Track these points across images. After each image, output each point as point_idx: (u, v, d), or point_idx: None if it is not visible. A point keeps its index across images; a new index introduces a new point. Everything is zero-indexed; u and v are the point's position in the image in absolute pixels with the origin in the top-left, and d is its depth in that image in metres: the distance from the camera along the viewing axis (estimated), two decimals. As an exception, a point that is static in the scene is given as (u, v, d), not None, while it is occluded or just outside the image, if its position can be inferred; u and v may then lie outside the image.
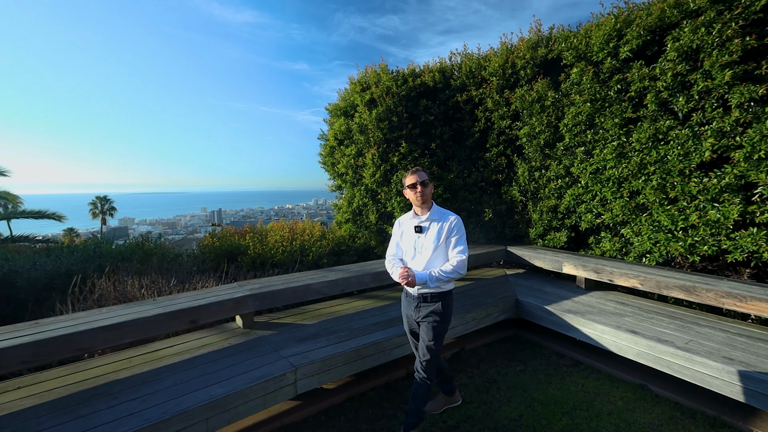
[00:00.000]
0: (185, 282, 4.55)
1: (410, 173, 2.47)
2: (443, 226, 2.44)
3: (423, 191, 2.43)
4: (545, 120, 4.90)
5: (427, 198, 2.47)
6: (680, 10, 3.76)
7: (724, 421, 2.66)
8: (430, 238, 2.44)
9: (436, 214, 2.49)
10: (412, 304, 2.53)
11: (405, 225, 2.59)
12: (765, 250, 3.28)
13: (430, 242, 2.43)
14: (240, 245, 5.79)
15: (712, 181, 3.56)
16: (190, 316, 2.91)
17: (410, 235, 2.52)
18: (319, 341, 3.03)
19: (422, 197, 2.44)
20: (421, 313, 2.47)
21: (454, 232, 2.43)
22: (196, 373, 2.53)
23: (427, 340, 2.43)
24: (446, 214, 2.49)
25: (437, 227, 2.44)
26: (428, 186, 2.46)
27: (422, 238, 2.46)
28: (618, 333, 3.17)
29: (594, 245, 4.76)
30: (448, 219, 2.46)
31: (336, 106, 7.07)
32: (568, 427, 2.63)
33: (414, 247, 2.50)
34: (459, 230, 2.44)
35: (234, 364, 2.65)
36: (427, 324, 2.44)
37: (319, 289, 3.65)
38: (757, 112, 3.34)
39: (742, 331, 3.10)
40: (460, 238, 2.44)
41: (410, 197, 2.50)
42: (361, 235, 6.54)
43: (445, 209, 2.54)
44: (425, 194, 2.45)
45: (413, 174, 2.45)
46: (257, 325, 3.39)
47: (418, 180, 2.43)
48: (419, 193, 2.43)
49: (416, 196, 2.44)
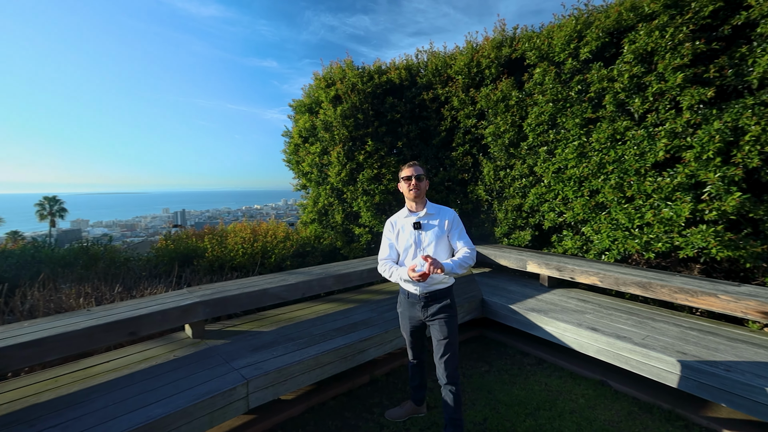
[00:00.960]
0: (132, 289, 4.20)
1: (406, 166, 2.42)
2: (443, 220, 2.39)
3: (417, 185, 2.36)
4: (509, 119, 4.93)
5: (422, 193, 2.40)
6: (636, 13, 3.87)
7: (678, 414, 2.72)
8: (431, 233, 2.36)
9: (433, 209, 2.43)
10: (416, 305, 2.42)
11: (400, 223, 2.47)
12: (713, 246, 3.42)
13: (432, 237, 2.35)
14: (197, 248, 5.45)
15: (666, 180, 3.67)
16: (129, 327, 2.64)
17: (408, 232, 2.41)
18: (275, 350, 2.84)
19: (416, 191, 2.36)
20: (430, 311, 2.38)
21: (455, 226, 2.40)
22: (133, 391, 2.28)
23: (443, 337, 2.35)
24: (443, 209, 2.45)
25: (437, 222, 2.38)
26: (423, 181, 2.40)
27: (423, 235, 2.37)
28: (579, 330, 3.19)
29: (557, 243, 4.83)
30: (448, 213, 2.42)
31: (300, 102, 6.83)
32: (532, 428, 2.60)
33: (414, 243, 2.38)
34: (459, 223, 2.43)
35: (178, 379, 2.41)
36: (441, 321, 2.36)
37: (277, 294, 3.45)
38: (705, 114, 3.47)
39: (694, 325, 3.20)
40: (462, 231, 2.42)
41: (404, 190, 2.42)
42: (327, 235, 6.35)
43: (440, 205, 2.50)
44: (419, 188, 2.37)
45: (409, 167, 2.40)
46: (209, 334, 3.15)
47: (413, 173, 2.37)
48: (413, 186, 2.35)
49: (409, 188, 2.37)
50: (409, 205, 2.47)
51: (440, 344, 2.36)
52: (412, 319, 2.49)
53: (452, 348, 2.35)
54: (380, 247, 2.57)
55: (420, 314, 2.43)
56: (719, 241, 3.38)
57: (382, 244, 2.57)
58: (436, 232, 2.36)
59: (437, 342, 2.38)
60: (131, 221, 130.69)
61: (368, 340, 3.06)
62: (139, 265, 5.44)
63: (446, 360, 2.34)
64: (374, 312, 3.65)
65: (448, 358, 2.34)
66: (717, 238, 3.38)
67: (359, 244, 6.03)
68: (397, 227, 2.49)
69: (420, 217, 2.41)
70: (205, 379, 2.41)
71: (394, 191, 5.73)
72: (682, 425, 2.62)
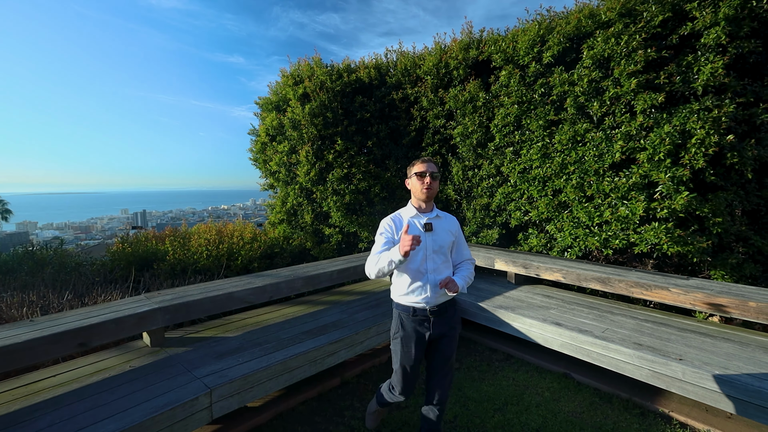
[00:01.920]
0: (84, 296, 3.92)
1: (420, 161, 2.14)
2: (451, 228, 2.21)
3: (432, 184, 2.10)
4: (477, 120, 5.02)
5: (434, 193, 2.14)
6: (594, 20, 4.04)
7: (635, 403, 2.87)
8: (441, 237, 2.13)
9: (441, 214, 2.22)
10: (424, 323, 2.11)
11: (405, 222, 2.11)
12: (665, 243, 3.63)
13: (443, 242, 2.13)
14: (157, 251, 5.18)
15: (622, 180, 3.86)
16: (78, 338, 2.45)
17: (416, 233, 2.10)
18: (241, 356, 2.74)
19: (430, 191, 2.10)
20: (438, 328, 2.12)
21: (460, 234, 2.26)
22: (84, 406, 2.12)
23: (449, 356, 2.15)
24: (448, 215, 2.26)
25: (446, 228, 2.18)
26: (437, 180, 2.14)
27: (433, 237, 2.11)
28: (544, 326, 3.29)
29: (523, 241, 4.98)
30: (453, 220, 2.26)
31: (267, 99, 6.66)
32: (500, 423, 2.65)
33: (424, 246, 2.10)
34: (462, 232, 2.30)
35: (135, 392, 2.26)
36: (450, 338, 2.15)
37: (243, 298, 3.33)
38: (657, 118, 3.68)
39: (648, 317, 3.39)
40: (465, 241, 2.29)
41: (415, 188, 2.14)
42: (296, 236, 6.22)
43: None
44: (433, 188, 2.11)
45: (423, 162, 2.12)
46: (169, 341, 2.99)
47: (428, 169, 2.09)
48: (428, 185, 2.09)
49: (423, 187, 2.09)
50: (418, 205, 2.18)
51: (446, 364, 2.14)
52: (419, 342, 2.12)
53: (453, 367, 2.23)
54: (372, 247, 2.17)
55: (427, 333, 2.11)
56: (670, 238, 3.59)
57: (375, 244, 2.15)
58: (446, 238, 2.16)
59: (440, 362, 2.14)
60: (86, 223, 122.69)
61: (338, 342, 3.01)
62: (92, 270, 5.10)
63: (447, 382, 2.18)
64: (344, 313, 3.61)
65: (449, 380, 2.19)
66: (668, 235, 3.59)
67: (329, 245, 5.96)
68: (404, 224, 2.10)
69: (432, 218, 2.16)
70: (165, 390, 2.27)
71: (364, 191, 5.69)
72: (638, 413, 2.76)
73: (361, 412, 2.81)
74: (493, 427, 2.62)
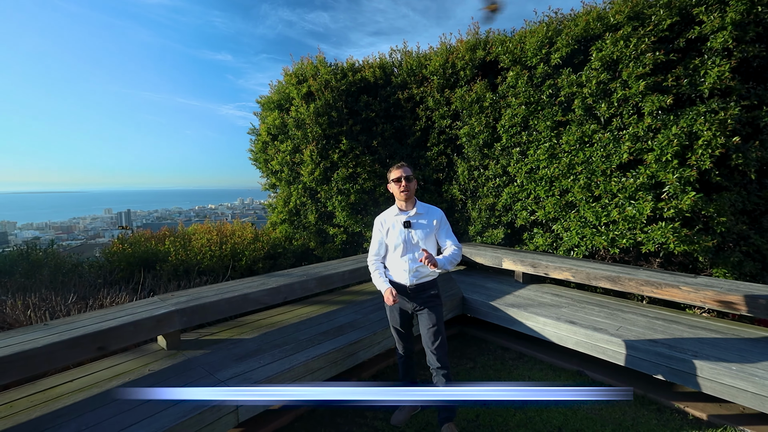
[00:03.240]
0: (88, 298, 3.81)
1: (395, 167, 2.52)
2: (432, 220, 2.52)
3: (408, 186, 2.47)
4: (484, 121, 5.05)
5: (411, 193, 2.50)
6: (602, 23, 4.10)
7: (650, 399, 2.92)
8: (420, 232, 2.48)
9: (422, 209, 2.55)
10: (405, 296, 2.54)
11: (390, 222, 2.57)
12: (671, 242, 3.71)
13: (422, 236, 2.47)
14: (158, 251, 5.07)
15: (629, 180, 3.94)
16: (97, 341, 2.38)
17: (398, 230, 2.51)
18: (261, 358, 2.70)
19: (407, 192, 2.47)
20: (417, 300, 2.52)
21: (443, 225, 2.55)
22: (108, 412, 2.06)
23: (432, 324, 2.48)
24: (431, 208, 2.58)
25: (426, 221, 2.51)
26: (412, 181, 2.50)
27: (412, 233, 2.48)
28: (559, 324, 3.33)
29: (528, 241, 5.03)
30: (436, 213, 2.56)
31: (269, 98, 6.58)
32: (523, 421, 2.67)
33: (404, 241, 2.50)
34: (447, 223, 2.59)
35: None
36: (429, 309, 2.50)
37: (258, 299, 3.28)
38: (664, 120, 3.76)
39: (658, 315, 3.46)
40: (449, 230, 2.58)
41: (394, 191, 2.52)
42: (299, 236, 6.17)
43: (427, 203, 2.63)
44: (409, 189, 2.48)
45: (398, 168, 2.50)
46: (185, 344, 2.93)
47: (403, 174, 2.47)
48: (404, 187, 2.45)
49: (401, 190, 2.46)
50: (399, 205, 2.56)
51: (430, 332, 2.49)
52: (401, 311, 2.60)
53: (441, 334, 2.49)
54: (371, 243, 2.69)
55: (409, 305, 2.56)
56: (677, 237, 3.67)
57: (372, 241, 2.68)
58: (425, 231, 2.49)
59: (427, 330, 2.50)
60: (68, 223, 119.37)
61: (358, 342, 3.00)
62: (91, 271, 4.96)
63: (437, 346, 2.47)
64: (359, 314, 3.59)
65: (439, 344, 2.47)
66: (675, 234, 3.67)
67: (334, 245, 5.92)
68: (387, 225, 2.58)
69: (410, 216, 2.51)
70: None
71: (369, 191, 5.68)
72: (655, 408, 2.81)
73: (382, 412, 2.80)
74: (515, 425, 2.64)
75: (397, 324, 2.64)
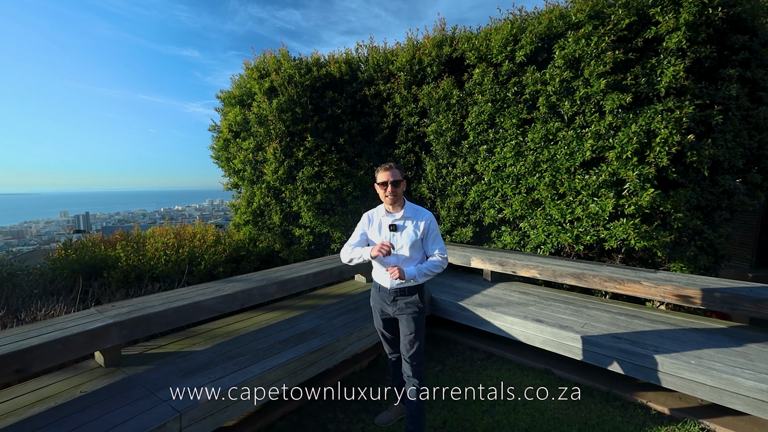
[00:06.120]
0: (20, 311, 3.43)
1: (382, 170, 2.33)
2: (419, 224, 2.36)
3: (394, 191, 2.31)
4: (451, 118, 4.99)
5: (398, 197, 2.36)
6: (565, 21, 4.13)
7: (615, 395, 2.94)
8: (406, 237, 2.35)
9: (410, 212, 2.39)
10: (386, 299, 2.44)
11: (378, 220, 2.45)
12: (632, 238, 3.77)
13: (407, 241, 2.34)
14: (107, 257, 4.68)
15: (592, 178, 3.98)
16: (14, 364, 2.09)
17: (384, 232, 2.39)
18: (213, 371, 2.49)
19: (393, 197, 2.32)
20: (398, 305, 2.42)
21: (431, 231, 2.38)
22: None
23: (409, 333, 2.39)
24: (420, 212, 2.41)
25: (413, 225, 2.36)
26: (399, 185, 2.33)
27: (397, 237, 2.36)
28: (526, 323, 3.30)
29: (496, 239, 5.02)
30: (424, 217, 2.38)
31: (230, 93, 6.27)
32: (490, 425, 2.60)
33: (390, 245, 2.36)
34: (435, 228, 2.41)
35: (87, 422, 1.96)
36: (408, 316, 2.40)
37: (212, 307, 3.05)
38: (624, 118, 3.82)
39: (621, 311, 3.51)
40: (437, 236, 2.41)
41: (380, 195, 2.38)
42: (264, 238, 5.90)
43: (418, 206, 2.46)
44: (396, 194, 2.32)
45: (385, 171, 2.31)
46: (127, 360, 2.66)
47: (389, 179, 2.30)
48: (389, 192, 2.30)
49: (386, 195, 2.32)
50: (387, 207, 2.43)
51: (406, 339, 2.41)
52: (383, 314, 2.51)
53: (416, 346, 2.39)
54: (351, 235, 2.54)
55: (389, 309, 2.45)
56: (637, 233, 3.74)
57: (353, 233, 2.53)
58: (410, 236, 2.34)
59: (404, 337, 2.43)
60: (18, 227, 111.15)
61: (319, 350, 2.83)
62: (29, 280, 4.51)
63: (411, 355, 2.39)
64: (322, 319, 3.42)
65: (414, 353, 2.39)
66: (635, 230, 3.74)
67: (300, 246, 5.70)
68: (374, 223, 2.46)
69: (396, 219, 2.37)
70: (126, 418, 1.99)
71: (336, 190, 5.50)
72: (619, 405, 2.82)
73: (346, 423, 2.66)
74: (483, 429, 2.56)
75: (380, 327, 2.57)
